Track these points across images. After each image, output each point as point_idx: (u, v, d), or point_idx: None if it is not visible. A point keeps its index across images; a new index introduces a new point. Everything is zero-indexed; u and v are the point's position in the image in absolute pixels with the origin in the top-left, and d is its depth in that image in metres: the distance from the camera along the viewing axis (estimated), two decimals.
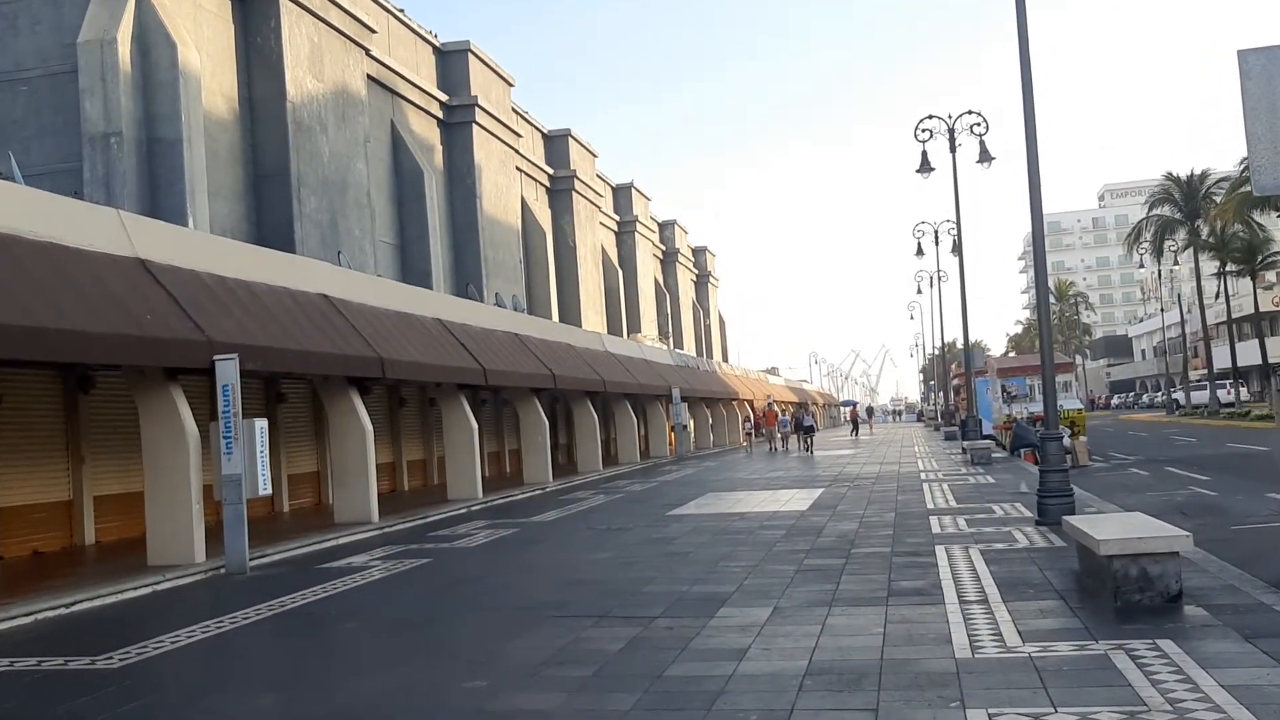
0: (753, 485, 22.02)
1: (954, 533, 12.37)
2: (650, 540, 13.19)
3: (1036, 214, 12.87)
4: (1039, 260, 13.32)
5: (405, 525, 16.13)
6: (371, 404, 23.25)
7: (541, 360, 23.69)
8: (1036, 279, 13.26)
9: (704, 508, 17.27)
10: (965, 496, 16.69)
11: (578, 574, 10.77)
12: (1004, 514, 14.01)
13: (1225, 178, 49.32)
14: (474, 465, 19.64)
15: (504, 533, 14.85)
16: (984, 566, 9.76)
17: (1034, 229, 13.08)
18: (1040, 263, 13.29)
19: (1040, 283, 13.05)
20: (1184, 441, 34.17)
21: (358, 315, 16.42)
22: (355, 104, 32.38)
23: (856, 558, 10.79)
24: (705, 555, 11.54)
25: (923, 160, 29.61)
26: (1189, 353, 61.92)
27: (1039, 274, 13.24)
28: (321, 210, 29.80)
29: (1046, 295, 13.03)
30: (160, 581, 11.09)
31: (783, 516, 15.17)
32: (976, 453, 24.74)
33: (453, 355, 19.06)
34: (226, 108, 27.86)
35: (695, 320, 79.85)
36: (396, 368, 16.45)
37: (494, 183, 42.78)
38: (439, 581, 10.83)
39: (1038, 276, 13.25)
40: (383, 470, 23.85)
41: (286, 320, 14.14)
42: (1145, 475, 22.92)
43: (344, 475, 15.82)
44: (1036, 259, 13.24)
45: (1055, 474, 12.70)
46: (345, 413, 15.77)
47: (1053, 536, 11.52)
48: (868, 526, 13.41)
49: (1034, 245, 13.19)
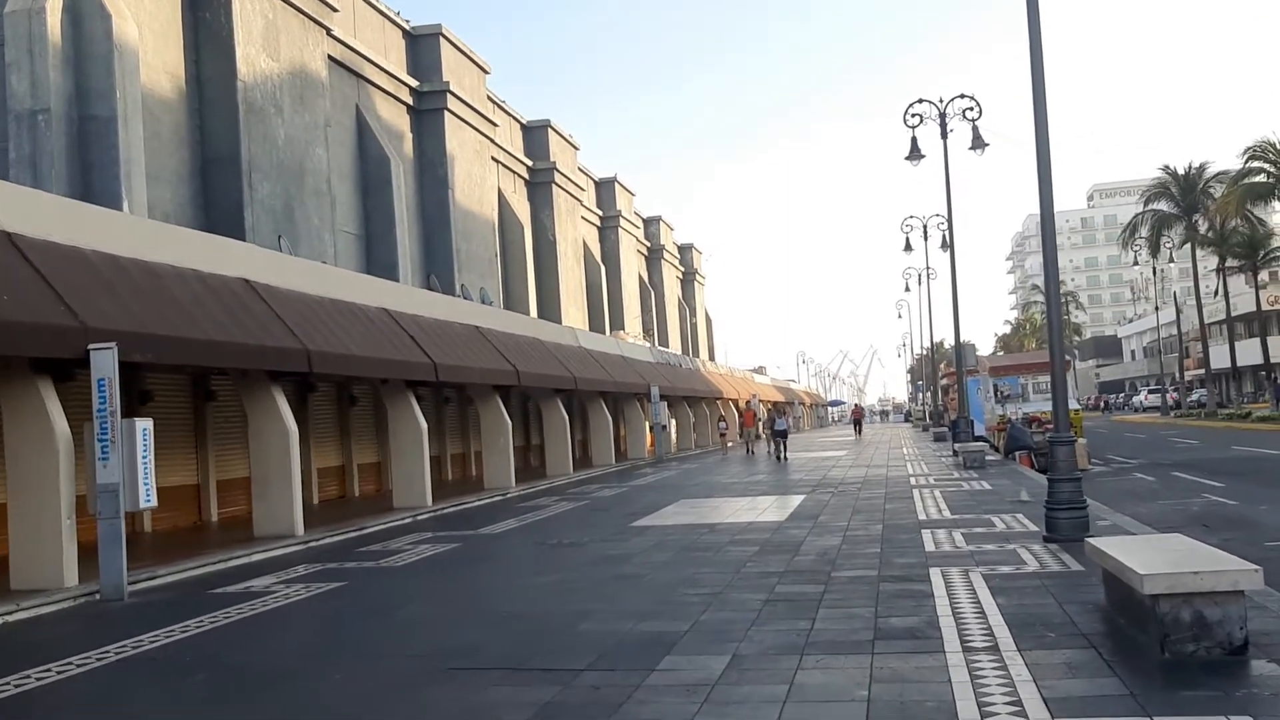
0: (730, 491, 20.35)
1: (950, 551, 10.71)
2: (604, 559, 11.50)
3: (1045, 192, 11.25)
4: (1048, 246, 11.72)
5: (334, 539, 14.39)
6: (317, 402, 21.56)
7: (504, 355, 21.96)
8: (1045, 265, 11.68)
9: (672, 518, 15.58)
10: (960, 506, 15.04)
11: (508, 605, 9.06)
12: (1006, 528, 12.36)
13: (1224, 171, 47.89)
14: (422, 470, 17.89)
15: (442, 548, 13.13)
16: (989, 597, 8.11)
17: (1042, 210, 11.47)
18: (1050, 246, 11.68)
19: (1050, 262, 11.42)
20: (1185, 444, 32.64)
21: (285, 303, 14.68)
22: (314, 86, 30.59)
23: (838, 584, 9.12)
24: (662, 579, 9.86)
25: (912, 146, 27.99)
26: (1183, 352, 60.45)
27: (1048, 259, 11.65)
28: (275, 196, 28.00)
29: (1056, 279, 11.38)
30: (14, 611, 9.34)
31: (758, 529, 13.50)
32: (969, 456, 23.11)
33: (399, 348, 17.33)
34: (171, 86, 26.06)
35: (681, 318, 78.18)
36: (327, 361, 14.71)
37: (467, 173, 41.01)
38: (340, 614, 9.11)
39: (1046, 261, 11.66)
40: (331, 474, 22.11)
41: (192, 306, 12.40)
42: (1151, 481, 21.35)
43: (264, 483, 14.06)
44: (1045, 244, 11.63)
45: (1066, 484, 11.05)
46: (265, 412, 14.02)
47: (1065, 557, 9.88)
48: (852, 542, 11.75)
49: (1042, 228, 11.58)
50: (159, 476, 10.43)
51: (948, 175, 27.79)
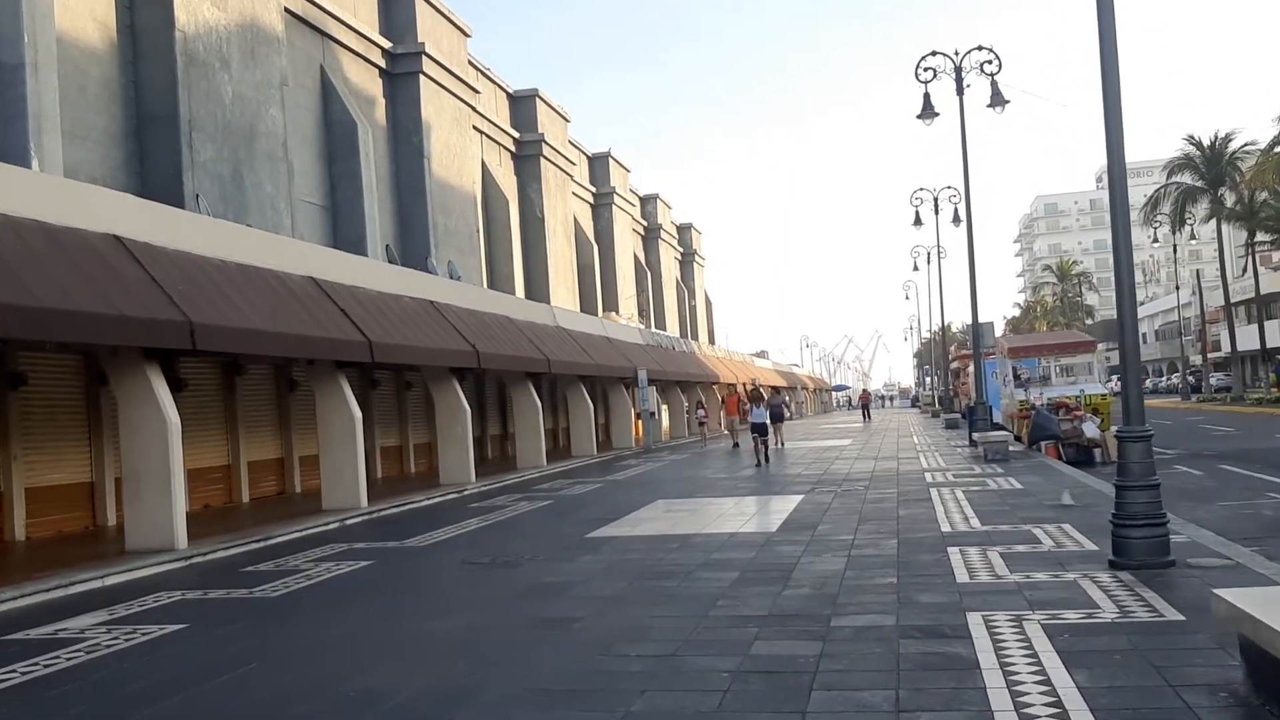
0: (716, 488, 17.72)
1: (990, 583, 8.09)
2: (536, 589, 8.88)
3: (1115, 138, 8.58)
4: (1117, 189, 9.07)
5: (225, 553, 11.77)
6: (250, 386, 18.95)
7: (462, 334, 19.32)
8: (1114, 219, 8.94)
9: (641, 525, 12.95)
10: (990, 512, 12.41)
11: (370, 672, 6.40)
12: (1054, 545, 9.73)
13: (1252, 143, 44.97)
14: (355, 466, 15.28)
15: (347, 568, 10.51)
16: (1061, 670, 5.51)
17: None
18: (1120, 187, 9.01)
19: (1120, 209, 8.73)
20: (1220, 432, 29.95)
21: (169, 266, 12.04)
22: (268, 41, 27.83)
23: (840, 640, 6.51)
24: (600, 628, 7.25)
25: (925, 103, 25.25)
26: (1205, 335, 57.59)
27: (1117, 205, 8.99)
28: (221, 161, 25.30)
29: (1128, 225, 8.71)
30: None
31: (741, 544, 10.88)
32: (991, 447, 20.48)
33: (324, 324, 14.69)
34: (100, 36, 23.35)
35: (679, 300, 75.43)
36: (219, 337, 12.08)
37: (445, 142, 38.24)
38: (120, 688, 6.47)
39: (1115, 214, 8.99)
40: (268, 469, 19.53)
41: (26, 267, 9.76)
42: (1199, 475, 18.69)
43: (136, 484, 11.44)
44: (1114, 189, 8.91)
45: (1140, 492, 8.44)
46: (139, 398, 11.40)
47: (1149, 595, 7.29)
48: (859, 566, 9.13)
49: (1109, 164, 8.90)
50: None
51: (964, 133, 25.08)
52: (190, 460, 17.35)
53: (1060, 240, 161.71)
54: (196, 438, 17.47)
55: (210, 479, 17.60)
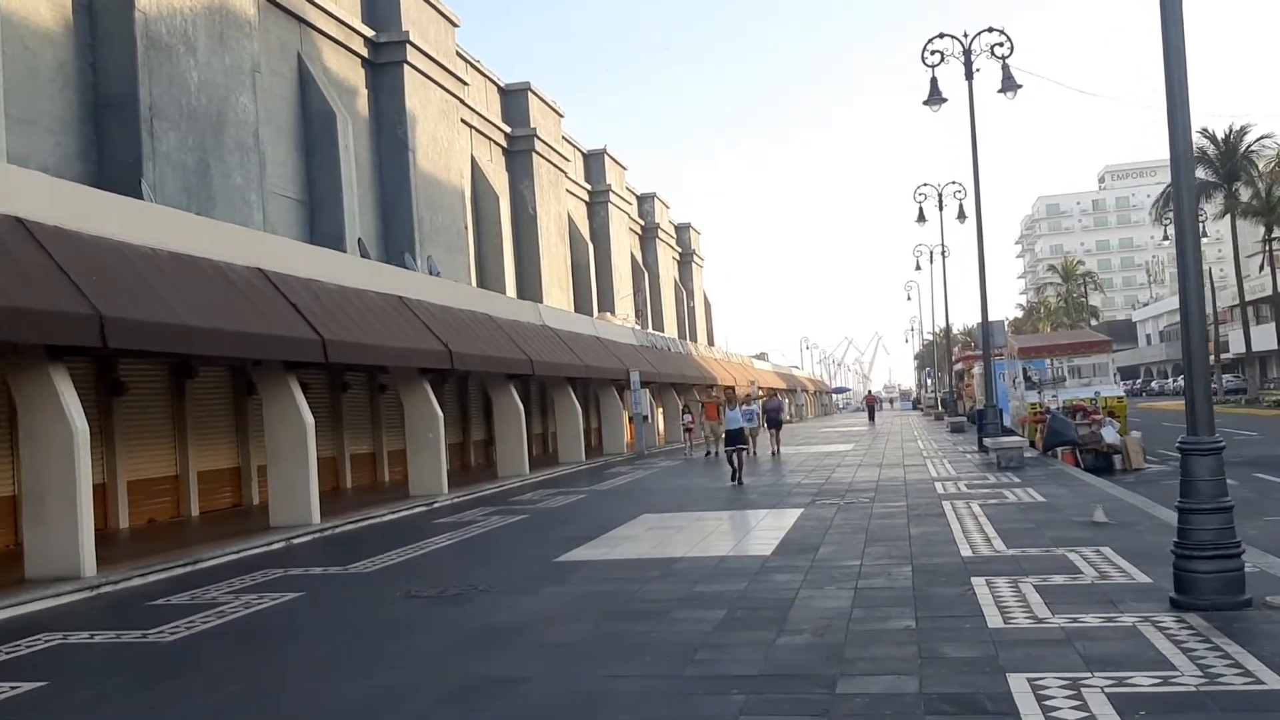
0: (708, 500, 16.24)
1: (1030, 628, 6.63)
2: (483, 634, 7.39)
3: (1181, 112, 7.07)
4: (1183, 167, 7.51)
5: (139, 580, 10.28)
6: (199, 391, 17.46)
7: (434, 332, 17.85)
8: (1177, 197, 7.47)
9: (619, 547, 11.47)
10: (1014, 530, 10.93)
11: None
12: (1098, 575, 8.27)
13: (1268, 135, 43.54)
14: (306, 478, 13.79)
15: (268, 603, 9.02)
16: None
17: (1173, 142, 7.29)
18: (1187, 167, 7.53)
19: (1186, 187, 7.27)
20: (1242, 436, 28.47)
21: (83, 253, 10.58)
22: (239, 25, 26.38)
23: (849, 713, 5.05)
24: (547, 696, 5.78)
25: (932, 89, 23.85)
26: (1218, 335, 56.09)
27: (1183, 184, 7.43)
28: (186, 150, 23.84)
29: (1195, 213, 7.25)
30: None
31: (730, 570, 9.41)
32: (1004, 454, 18.98)
33: (271, 320, 13.22)
34: (54, 16, 21.89)
35: (678, 301, 73.95)
36: (139, 334, 10.61)
37: (432, 135, 36.76)
38: None
39: (1177, 189, 7.43)
40: (223, 478, 18.01)
41: None
42: (1234, 485, 17.08)
43: (38, 503, 9.97)
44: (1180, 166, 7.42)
45: (1210, 516, 6.99)
46: (40, 404, 9.94)
47: (1230, 646, 5.87)
48: (868, 603, 7.66)
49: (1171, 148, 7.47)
50: None
51: (973, 119, 23.60)
52: (132, 471, 15.93)
53: (1062, 241, 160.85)
54: (139, 446, 16.03)
55: (155, 491, 16.13)
